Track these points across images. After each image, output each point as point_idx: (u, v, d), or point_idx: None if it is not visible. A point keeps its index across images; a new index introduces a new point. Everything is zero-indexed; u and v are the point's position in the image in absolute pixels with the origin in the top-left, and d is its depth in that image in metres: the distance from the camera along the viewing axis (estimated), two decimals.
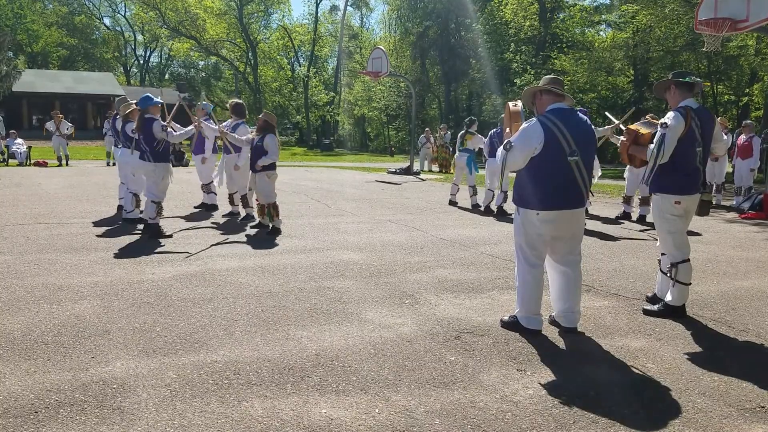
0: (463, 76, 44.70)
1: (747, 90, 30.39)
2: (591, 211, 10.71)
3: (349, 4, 58.25)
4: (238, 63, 56.57)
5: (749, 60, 28.10)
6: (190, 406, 3.21)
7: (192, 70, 67.49)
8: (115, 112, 10.05)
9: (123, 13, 65.69)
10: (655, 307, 5.06)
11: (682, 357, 4.11)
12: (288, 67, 58.50)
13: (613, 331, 4.60)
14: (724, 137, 5.47)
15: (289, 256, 6.95)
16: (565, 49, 35.22)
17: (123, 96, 9.61)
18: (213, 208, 10.53)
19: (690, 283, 4.98)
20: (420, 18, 47.75)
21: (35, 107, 42.59)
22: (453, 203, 12.23)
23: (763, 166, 15.62)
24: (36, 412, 3.09)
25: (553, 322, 4.65)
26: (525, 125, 4.36)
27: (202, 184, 10.73)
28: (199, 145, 10.37)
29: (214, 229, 8.73)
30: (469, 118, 12.46)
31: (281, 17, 58.44)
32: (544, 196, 4.32)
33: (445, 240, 8.17)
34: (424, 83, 48.69)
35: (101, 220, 9.07)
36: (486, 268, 6.59)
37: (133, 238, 7.77)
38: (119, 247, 7.24)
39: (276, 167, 8.32)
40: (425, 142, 24.36)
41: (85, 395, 3.29)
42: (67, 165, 20.61)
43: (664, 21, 25.26)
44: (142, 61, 69.74)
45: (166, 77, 69.30)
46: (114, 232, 8.18)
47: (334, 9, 60.64)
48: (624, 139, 5.30)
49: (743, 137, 13.39)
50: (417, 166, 22.49)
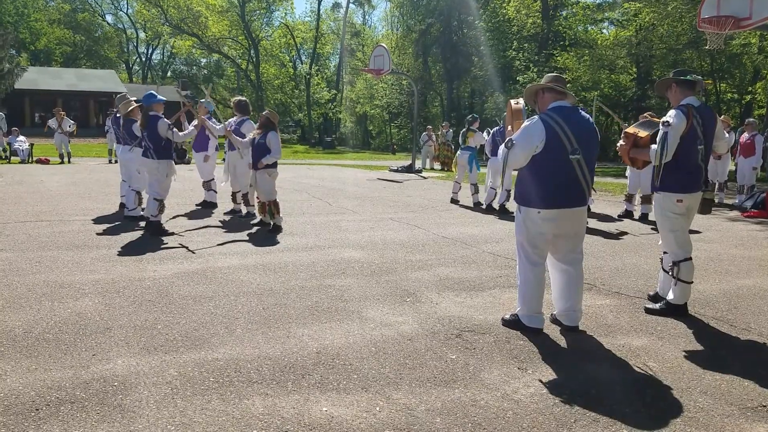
0: (466, 73, 44.62)
1: (750, 88, 30.34)
2: (593, 209, 10.69)
3: (351, 1, 58.32)
4: (240, 60, 56.59)
5: (752, 58, 28.06)
6: (191, 404, 3.21)
7: (194, 68, 67.56)
8: (116, 110, 10.06)
9: (125, 11, 65.90)
10: (657, 306, 5.05)
11: (683, 356, 4.11)
12: (290, 65, 58.49)
13: (615, 330, 4.59)
14: (726, 135, 5.45)
15: (290, 254, 6.95)
16: (567, 46, 35.15)
17: (123, 93, 9.59)
18: (212, 206, 10.54)
19: (692, 282, 4.97)
20: (422, 15, 47.68)
21: (37, 104, 42.64)
22: (455, 201, 12.22)
23: (765, 165, 15.60)
24: (37, 410, 3.09)
25: (554, 321, 4.64)
26: (527, 123, 4.35)
27: (203, 182, 10.74)
28: (200, 142, 10.37)
29: (216, 227, 8.73)
30: (471, 116, 12.46)
31: (283, 14, 58.57)
32: (545, 195, 4.32)
33: (446, 238, 8.17)
34: (426, 81, 48.63)
35: (103, 218, 9.08)
36: (487, 266, 6.58)
37: (134, 236, 7.78)
38: (121, 244, 7.25)
39: (277, 165, 8.32)
40: (427, 140, 24.31)
41: (86, 393, 3.29)
42: (69, 162, 20.66)
43: (666, 19, 25.21)
44: (144, 59, 69.82)
45: (168, 75, 69.34)
46: (116, 229, 8.18)
47: (337, 6, 60.69)
48: (623, 143, 5.30)
49: (746, 135, 13.35)
50: (419, 164, 22.47)
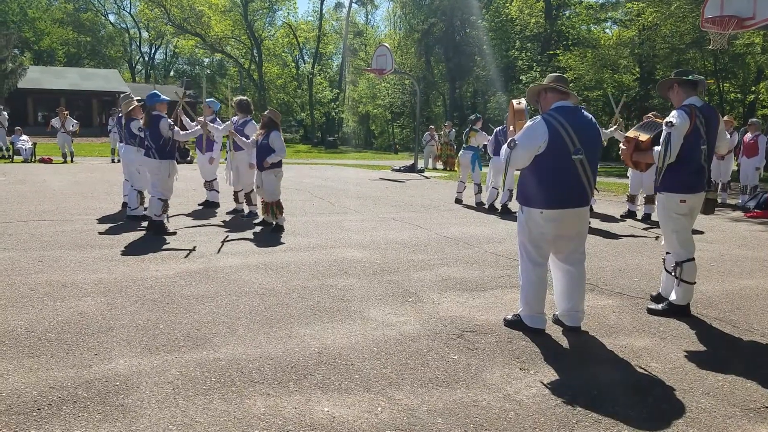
0: (468, 73, 44.56)
1: (753, 88, 30.25)
2: (596, 209, 10.68)
3: (354, 1, 58.29)
4: (242, 60, 56.59)
5: (756, 58, 27.97)
6: (192, 404, 3.21)
7: (197, 67, 67.59)
8: (119, 109, 10.09)
9: (128, 10, 65.86)
10: (660, 306, 5.04)
11: (686, 356, 4.10)
12: (293, 65, 58.45)
13: (617, 330, 4.58)
14: (728, 135, 5.44)
15: (292, 254, 6.95)
16: (570, 46, 35.10)
17: (127, 93, 9.61)
18: (215, 206, 10.54)
19: (695, 282, 4.96)
20: (425, 15, 47.60)
21: (40, 104, 42.69)
22: (459, 201, 12.21)
23: None
24: (39, 410, 3.10)
25: (556, 321, 4.63)
26: (529, 123, 4.34)
27: (205, 181, 10.75)
28: (206, 143, 10.37)
29: (218, 226, 8.74)
30: (474, 115, 12.44)
31: (286, 14, 58.73)
32: (548, 195, 4.31)
33: (448, 238, 8.16)
34: (428, 80, 48.60)
35: (105, 217, 9.09)
36: (490, 266, 6.58)
37: (137, 235, 7.79)
38: (123, 244, 7.26)
39: (282, 164, 8.32)
40: (429, 140, 24.30)
41: (87, 392, 3.30)
42: (72, 162, 20.69)
43: (670, 18, 25.15)
44: (147, 58, 69.82)
45: (171, 74, 69.36)
46: (118, 229, 8.19)
47: (339, 6, 60.71)
48: (625, 147, 5.30)
49: (749, 135, 13.33)
50: (421, 164, 22.46)
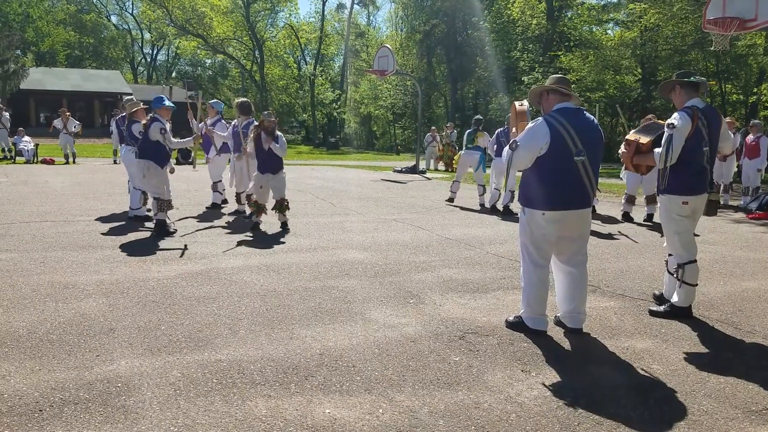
0: (470, 74, 44.56)
1: (755, 89, 30.17)
2: (598, 210, 10.66)
3: (355, 2, 58.27)
4: (244, 61, 56.63)
5: (758, 59, 27.90)
6: (194, 405, 3.21)
7: (199, 69, 67.64)
8: (122, 113, 10.15)
9: (130, 11, 65.93)
10: (662, 308, 5.03)
11: (687, 358, 4.09)
12: (294, 66, 58.50)
13: (619, 332, 4.58)
14: (731, 136, 5.43)
15: (294, 255, 6.95)
16: (572, 47, 35.08)
17: (131, 97, 9.71)
18: (216, 207, 10.54)
19: (696, 284, 4.95)
20: (427, 16, 47.64)
21: (43, 105, 42.71)
22: (451, 200, 12.11)
23: None
24: (40, 411, 3.10)
25: (558, 323, 4.63)
26: (531, 125, 4.35)
27: (212, 183, 10.75)
28: (209, 144, 10.41)
29: (220, 227, 8.74)
30: (479, 117, 12.43)
31: (288, 15, 58.59)
32: (549, 196, 4.31)
33: (450, 239, 8.16)
34: (430, 82, 48.63)
35: (107, 218, 9.09)
36: (491, 267, 6.57)
37: (139, 236, 7.79)
38: (125, 245, 7.26)
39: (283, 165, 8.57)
40: (431, 141, 24.31)
41: (89, 394, 3.30)
42: (74, 163, 20.71)
43: (672, 20, 25.11)
44: (149, 59, 69.91)
45: (173, 75, 69.42)
46: (120, 230, 8.20)
47: (341, 7, 60.60)
48: (625, 150, 5.29)
49: (751, 137, 13.32)
50: (423, 165, 22.46)
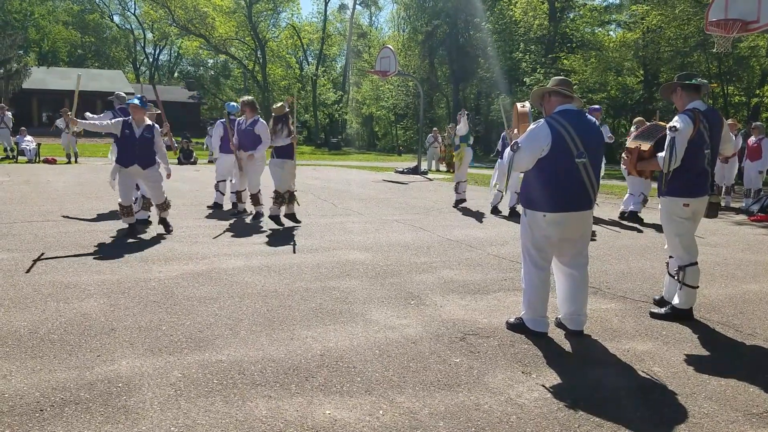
0: (472, 75, 44.56)
1: (758, 91, 30.15)
2: (599, 212, 10.66)
3: (357, 2, 58.33)
4: (246, 61, 56.70)
5: (760, 61, 27.87)
6: (194, 406, 3.22)
7: (201, 68, 67.69)
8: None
9: (133, 11, 66.04)
10: (663, 310, 5.03)
11: (688, 361, 4.09)
12: (296, 66, 58.55)
13: (620, 334, 4.58)
14: (733, 138, 5.43)
15: (295, 256, 6.95)
16: (574, 48, 35.07)
17: (119, 94, 9.86)
18: (217, 206, 10.54)
19: (697, 286, 4.95)
20: (429, 17, 47.64)
21: (45, 104, 42.78)
22: (462, 201, 11.88)
23: None
24: (41, 411, 3.10)
25: (559, 325, 4.63)
26: (532, 126, 4.35)
27: (217, 182, 10.70)
28: (226, 144, 10.20)
29: (221, 227, 8.74)
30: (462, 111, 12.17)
31: (290, 16, 58.55)
32: (551, 198, 4.31)
33: (451, 240, 8.16)
34: (432, 82, 48.60)
35: (109, 218, 9.10)
36: (492, 269, 6.57)
37: (140, 236, 7.79)
38: (126, 245, 7.27)
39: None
40: (433, 142, 24.33)
41: (90, 394, 3.30)
42: (76, 162, 20.75)
43: (674, 21, 25.14)
44: (151, 59, 69.99)
45: (176, 75, 69.55)
46: (122, 230, 8.19)
47: (343, 8, 60.61)
48: (627, 158, 5.32)
49: (753, 139, 13.30)
50: (424, 166, 22.46)
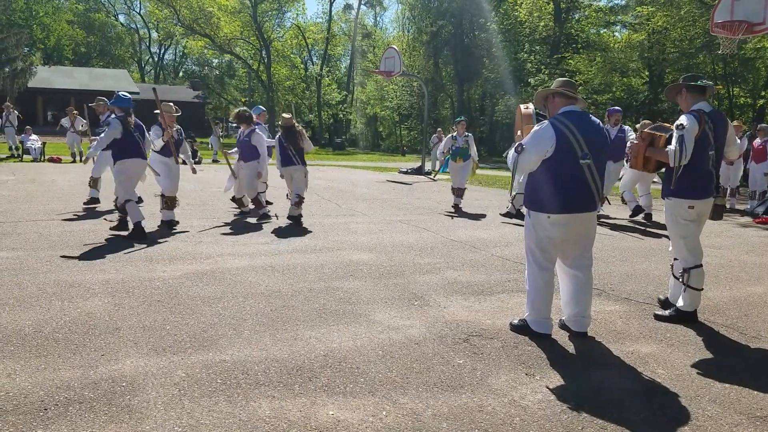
0: (477, 75, 44.54)
1: (763, 93, 30.02)
2: (603, 213, 10.63)
3: (362, 3, 58.29)
4: (251, 61, 56.70)
5: (766, 62, 27.79)
6: (198, 405, 3.22)
7: (206, 68, 67.77)
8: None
9: (138, 11, 66.19)
10: (667, 313, 5.02)
11: (692, 363, 4.08)
12: (301, 66, 58.53)
13: (624, 336, 4.57)
14: (738, 141, 5.41)
15: (298, 256, 6.95)
16: (579, 49, 35.03)
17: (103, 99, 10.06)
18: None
19: (702, 289, 4.94)
20: (433, 17, 47.61)
21: (50, 103, 42.87)
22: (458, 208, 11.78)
23: None
24: (45, 410, 3.11)
25: (563, 326, 4.62)
26: (537, 128, 4.34)
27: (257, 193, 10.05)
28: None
29: (225, 228, 8.75)
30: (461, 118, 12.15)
31: (295, 16, 58.57)
32: (555, 200, 4.30)
33: (455, 241, 8.15)
34: (436, 83, 48.58)
35: (114, 216, 9.09)
36: (496, 270, 6.56)
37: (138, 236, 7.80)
38: (131, 244, 7.28)
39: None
40: (437, 142, 24.29)
41: (94, 393, 3.31)
42: (81, 161, 20.75)
43: (679, 23, 25.09)
44: (156, 59, 70.13)
45: (180, 75, 69.64)
46: (126, 229, 8.20)
47: (348, 8, 60.58)
48: (638, 142, 5.27)
49: (758, 141, 13.27)
50: (428, 167, 22.44)
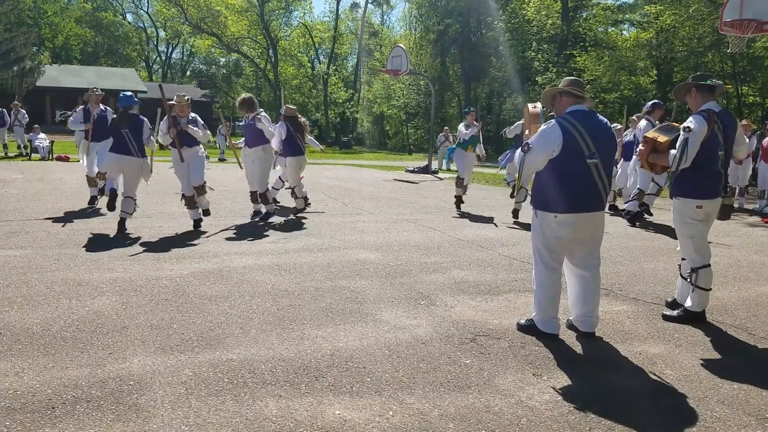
0: (484, 74, 44.50)
1: None
2: (611, 213, 10.59)
3: (369, 1, 58.35)
4: (258, 60, 56.82)
5: None
6: (205, 404, 3.23)
7: (213, 67, 67.96)
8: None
9: (145, 9, 66.47)
10: (675, 313, 4.99)
11: (701, 364, 4.06)
12: (308, 65, 58.64)
13: (632, 337, 4.55)
14: (747, 140, 5.38)
15: (305, 255, 6.96)
16: (587, 47, 34.91)
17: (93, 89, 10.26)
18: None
19: (710, 289, 4.91)
20: (441, 16, 47.61)
21: (58, 102, 42.98)
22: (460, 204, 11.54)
23: None
24: (53, 408, 3.13)
25: (570, 327, 4.61)
26: (543, 127, 4.33)
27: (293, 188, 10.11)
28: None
29: (232, 226, 8.77)
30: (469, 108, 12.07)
31: (302, 14, 58.63)
32: (562, 199, 4.29)
33: (462, 240, 8.14)
34: (443, 81, 48.55)
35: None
36: (503, 269, 6.55)
37: (152, 235, 7.83)
38: (139, 243, 7.31)
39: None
40: (444, 141, 24.29)
41: (101, 392, 3.32)
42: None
43: (688, 21, 24.96)
44: (164, 57, 70.40)
45: (188, 73, 69.85)
46: (134, 227, 8.22)
47: (355, 6, 60.67)
48: (642, 147, 5.26)
49: (767, 140, 13.16)
50: (435, 165, 22.43)
